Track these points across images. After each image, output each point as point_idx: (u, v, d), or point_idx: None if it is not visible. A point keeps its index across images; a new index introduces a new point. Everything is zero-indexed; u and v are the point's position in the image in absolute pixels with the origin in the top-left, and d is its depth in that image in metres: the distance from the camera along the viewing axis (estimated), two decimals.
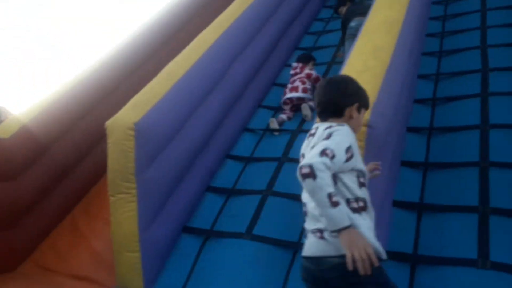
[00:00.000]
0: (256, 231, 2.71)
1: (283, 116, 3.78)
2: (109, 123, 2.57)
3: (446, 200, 2.48)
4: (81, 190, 3.58)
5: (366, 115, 1.90)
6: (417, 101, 3.27)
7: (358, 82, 1.62)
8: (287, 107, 3.84)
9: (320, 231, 1.45)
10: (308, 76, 3.89)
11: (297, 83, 3.82)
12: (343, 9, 4.35)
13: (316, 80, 3.93)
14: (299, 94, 3.75)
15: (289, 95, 3.79)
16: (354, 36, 3.77)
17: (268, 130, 3.71)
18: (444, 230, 2.34)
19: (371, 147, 1.92)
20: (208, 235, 2.85)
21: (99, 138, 3.43)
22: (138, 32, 4.26)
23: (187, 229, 2.91)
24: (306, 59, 4.07)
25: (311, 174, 1.36)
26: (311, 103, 3.75)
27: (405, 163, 2.76)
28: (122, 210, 2.54)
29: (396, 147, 2.46)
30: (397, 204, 2.51)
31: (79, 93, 3.53)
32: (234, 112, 3.67)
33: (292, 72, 4.00)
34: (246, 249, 2.61)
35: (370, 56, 2.31)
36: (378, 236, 2.11)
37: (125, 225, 2.53)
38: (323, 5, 5.72)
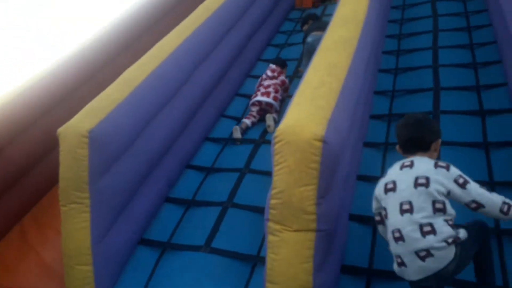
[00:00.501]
0: (215, 244, 2.69)
1: (247, 122, 3.79)
2: (61, 129, 2.48)
3: None
4: (32, 198, 3.41)
5: (322, 131, 1.95)
6: (374, 116, 3.38)
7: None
8: (254, 109, 3.87)
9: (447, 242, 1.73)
10: (283, 83, 3.97)
11: (270, 89, 3.85)
12: (306, 27, 4.50)
13: (287, 89, 4.02)
14: (269, 100, 3.79)
15: (260, 98, 3.82)
16: (309, 52, 3.90)
17: (231, 139, 3.71)
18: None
19: (327, 162, 1.95)
20: (165, 247, 2.80)
21: (53, 144, 3.30)
22: (97, 35, 4.15)
23: (144, 241, 2.84)
24: (283, 64, 4.14)
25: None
26: (275, 116, 3.79)
27: (361, 177, 2.83)
28: (74, 221, 2.44)
29: (351, 162, 2.53)
30: (353, 218, 2.57)
31: (31, 96, 3.38)
32: (196, 121, 3.64)
33: (269, 73, 4.00)
34: (203, 262, 2.59)
35: (326, 73, 2.36)
36: (335, 251, 2.16)
37: (76, 237, 2.44)
38: (285, 18, 5.82)
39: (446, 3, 4.66)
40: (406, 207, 1.77)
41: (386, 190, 1.88)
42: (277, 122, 3.73)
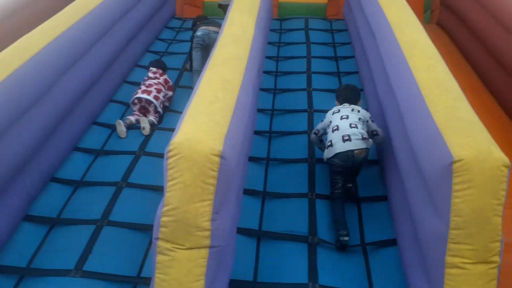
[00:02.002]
0: (87, 267, 2.39)
1: (131, 118, 3.71)
2: None
3: (281, 228, 2.68)
4: None
5: (220, 146, 1.92)
6: (256, 132, 3.50)
7: None
8: (135, 108, 3.78)
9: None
10: (166, 82, 3.94)
11: (152, 88, 3.79)
12: (196, 29, 4.52)
13: (171, 88, 3.99)
14: (149, 97, 3.73)
15: (140, 95, 3.75)
16: (199, 45, 4.10)
17: (103, 152, 3.41)
18: (280, 257, 2.50)
19: (223, 178, 1.92)
20: (24, 273, 2.39)
21: None
22: None
23: None
24: (164, 67, 4.12)
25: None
26: (153, 118, 3.72)
27: (246, 191, 2.88)
28: None
29: (241, 176, 2.55)
30: (239, 231, 2.58)
31: None
32: (62, 129, 3.24)
33: (151, 75, 3.94)
34: None
35: (220, 88, 2.36)
36: (225, 266, 2.13)
37: None
38: (165, 26, 5.69)
39: (317, 32, 5.16)
40: (344, 117, 2.83)
41: (333, 113, 2.93)
42: (156, 124, 3.71)
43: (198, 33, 4.14)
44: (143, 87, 3.80)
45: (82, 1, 3.88)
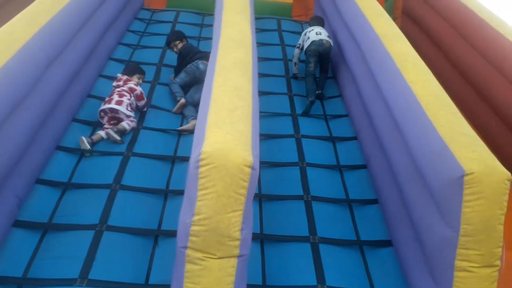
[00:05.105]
0: (93, 275, 2.32)
1: (101, 133, 3.38)
2: None
3: (282, 230, 2.77)
4: None
5: (250, 157, 1.95)
6: None
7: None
8: (104, 120, 3.51)
9: None
10: (131, 90, 3.65)
11: (113, 96, 3.55)
12: (179, 44, 4.27)
13: (140, 97, 3.70)
14: (111, 105, 3.46)
15: (102, 107, 3.51)
16: (195, 75, 3.94)
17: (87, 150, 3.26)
18: (285, 259, 2.58)
19: (251, 188, 1.97)
20: (21, 284, 2.26)
21: None
22: None
23: None
24: (131, 71, 3.83)
25: None
26: (124, 124, 3.45)
27: None
28: None
29: None
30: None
31: None
32: (46, 126, 3.07)
33: (114, 84, 3.70)
34: None
35: (235, 95, 2.37)
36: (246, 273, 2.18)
37: None
38: (135, 17, 5.48)
39: (290, 34, 5.27)
40: (318, 33, 4.22)
41: (310, 31, 4.28)
42: (133, 127, 3.50)
43: (201, 66, 3.91)
44: (106, 99, 3.56)
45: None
